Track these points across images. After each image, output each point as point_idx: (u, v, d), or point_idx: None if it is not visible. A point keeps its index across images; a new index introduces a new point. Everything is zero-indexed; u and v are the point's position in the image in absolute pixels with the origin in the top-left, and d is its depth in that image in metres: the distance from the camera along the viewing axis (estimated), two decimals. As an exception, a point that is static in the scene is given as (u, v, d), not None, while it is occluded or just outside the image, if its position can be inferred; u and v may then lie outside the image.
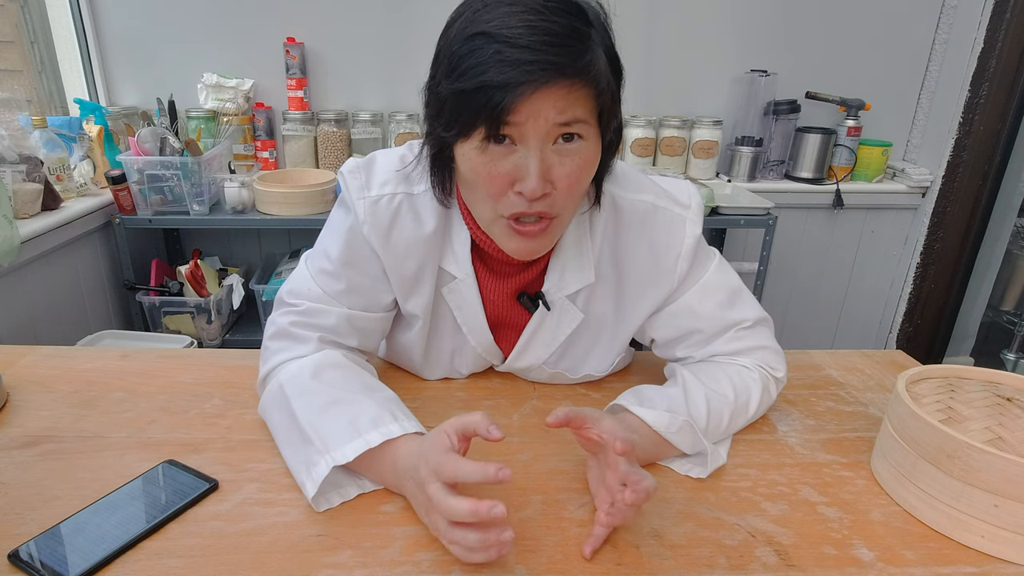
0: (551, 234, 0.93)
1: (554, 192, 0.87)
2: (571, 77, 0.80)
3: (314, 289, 1.05)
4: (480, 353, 1.15)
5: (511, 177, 0.85)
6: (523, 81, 0.78)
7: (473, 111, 0.82)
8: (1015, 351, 3.07)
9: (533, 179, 0.83)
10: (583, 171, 0.87)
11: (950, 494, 0.84)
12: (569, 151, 0.85)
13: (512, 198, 0.87)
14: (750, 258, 2.86)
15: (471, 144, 0.85)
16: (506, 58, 0.78)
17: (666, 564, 0.79)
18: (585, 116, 0.84)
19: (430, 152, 0.95)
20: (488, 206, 0.90)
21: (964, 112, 2.84)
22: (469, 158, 0.87)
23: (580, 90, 0.82)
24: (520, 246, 0.93)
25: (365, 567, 0.78)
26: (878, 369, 1.33)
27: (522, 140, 0.84)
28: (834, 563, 0.81)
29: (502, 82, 0.78)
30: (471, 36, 0.81)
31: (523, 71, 0.78)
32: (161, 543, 0.80)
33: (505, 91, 0.79)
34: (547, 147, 0.84)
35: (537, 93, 0.80)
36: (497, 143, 0.84)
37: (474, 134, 0.84)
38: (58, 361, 1.25)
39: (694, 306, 1.08)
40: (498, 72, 0.78)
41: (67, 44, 2.68)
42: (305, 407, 0.93)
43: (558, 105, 0.81)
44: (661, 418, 0.94)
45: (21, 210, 2.05)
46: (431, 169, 0.97)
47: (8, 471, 0.92)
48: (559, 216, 0.91)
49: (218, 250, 3.00)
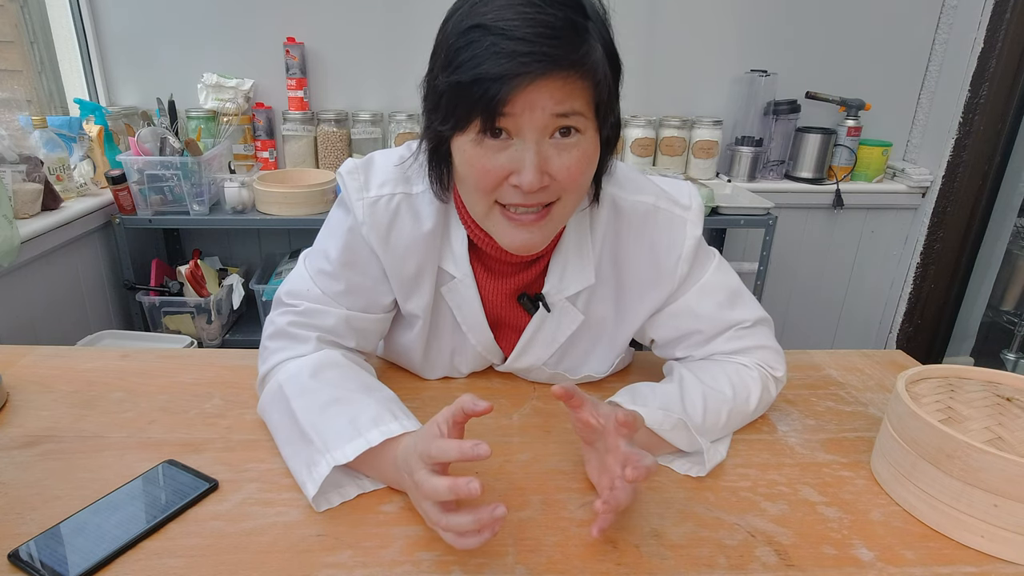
0: (548, 226, 0.92)
1: (553, 183, 0.86)
2: (567, 69, 0.80)
3: (313, 290, 1.05)
4: (481, 352, 1.15)
5: (506, 171, 0.85)
6: (519, 73, 0.78)
7: (469, 103, 0.81)
8: (1015, 351, 3.08)
9: (530, 172, 0.83)
10: (582, 165, 0.87)
11: (950, 494, 0.84)
12: (567, 145, 0.85)
13: (508, 191, 0.87)
14: (750, 258, 2.86)
15: (467, 137, 0.85)
16: (502, 50, 0.78)
17: (666, 564, 0.79)
18: (582, 109, 0.84)
19: (428, 147, 0.94)
20: (482, 199, 0.90)
21: (964, 112, 2.84)
22: (465, 151, 0.87)
23: (577, 82, 0.82)
24: (517, 237, 0.92)
25: (365, 567, 0.78)
26: (878, 369, 1.33)
27: (518, 133, 0.84)
28: (834, 563, 0.81)
29: (498, 74, 0.78)
30: (467, 29, 0.81)
31: (519, 63, 0.78)
32: (161, 543, 0.80)
33: (501, 83, 0.79)
34: (544, 141, 0.84)
35: (533, 85, 0.79)
36: (493, 137, 0.84)
37: (470, 127, 0.84)
38: (58, 361, 1.25)
39: (694, 306, 1.08)
40: (494, 64, 0.78)
41: (67, 44, 2.68)
42: (305, 407, 0.93)
43: (555, 96, 0.81)
44: (655, 415, 0.94)
45: (21, 210, 2.05)
46: (429, 164, 0.97)
47: (8, 471, 0.92)
48: (556, 207, 0.90)
49: (218, 250, 3.00)
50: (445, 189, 0.99)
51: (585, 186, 0.92)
